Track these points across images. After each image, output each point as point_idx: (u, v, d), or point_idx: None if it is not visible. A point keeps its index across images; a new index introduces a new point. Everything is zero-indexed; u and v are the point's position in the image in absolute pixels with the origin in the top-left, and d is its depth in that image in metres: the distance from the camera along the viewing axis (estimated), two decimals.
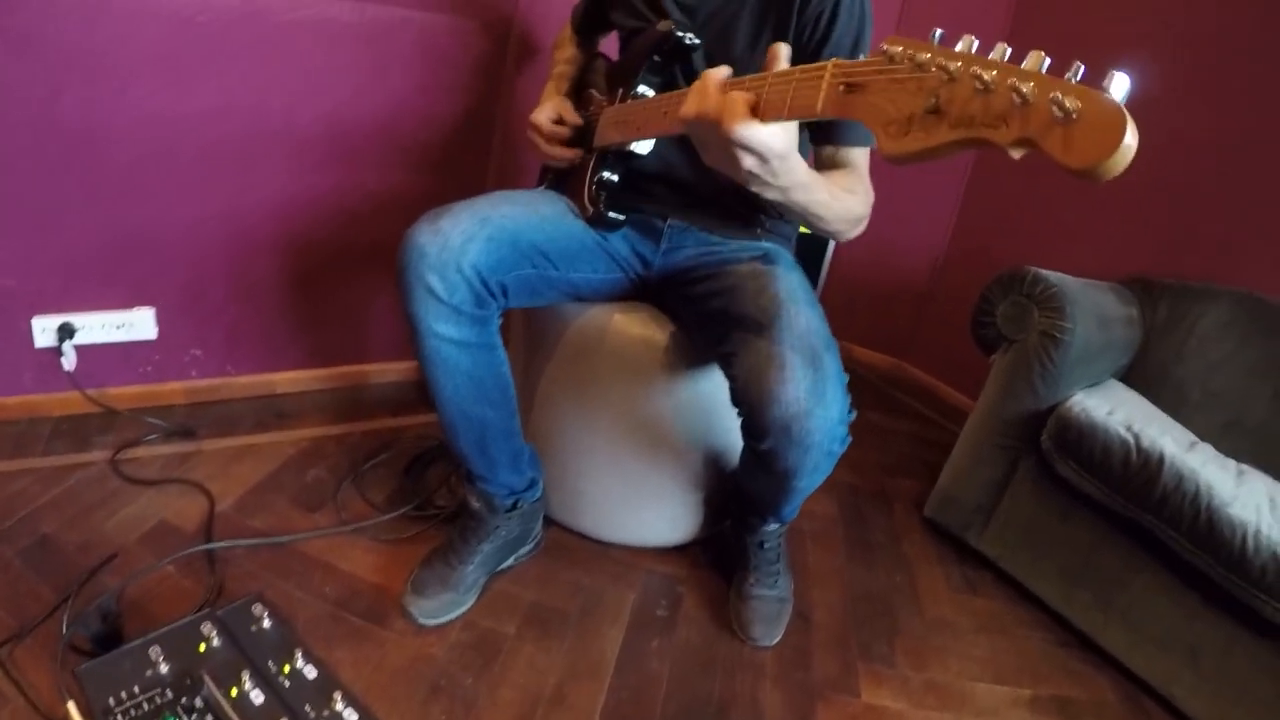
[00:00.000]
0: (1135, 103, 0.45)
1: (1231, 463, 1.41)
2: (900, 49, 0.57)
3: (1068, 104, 0.45)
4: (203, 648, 0.92)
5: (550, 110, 1.23)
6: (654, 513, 1.33)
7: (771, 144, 0.73)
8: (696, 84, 0.77)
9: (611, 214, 1.14)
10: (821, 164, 1.07)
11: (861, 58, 1.02)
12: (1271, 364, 1.54)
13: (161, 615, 1.00)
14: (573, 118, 1.22)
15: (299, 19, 1.35)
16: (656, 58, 1.11)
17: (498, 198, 1.09)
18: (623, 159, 1.15)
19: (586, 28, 1.36)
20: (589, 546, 1.34)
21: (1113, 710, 1.27)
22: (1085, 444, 1.34)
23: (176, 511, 1.22)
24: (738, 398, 0.97)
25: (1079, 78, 0.47)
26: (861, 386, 2.37)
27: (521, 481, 1.17)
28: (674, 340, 1.17)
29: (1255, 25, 1.67)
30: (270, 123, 1.39)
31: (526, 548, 1.25)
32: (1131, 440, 1.31)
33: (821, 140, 1.06)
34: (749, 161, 0.74)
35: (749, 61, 1.07)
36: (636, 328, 1.18)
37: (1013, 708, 1.23)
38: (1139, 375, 1.64)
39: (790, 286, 1.04)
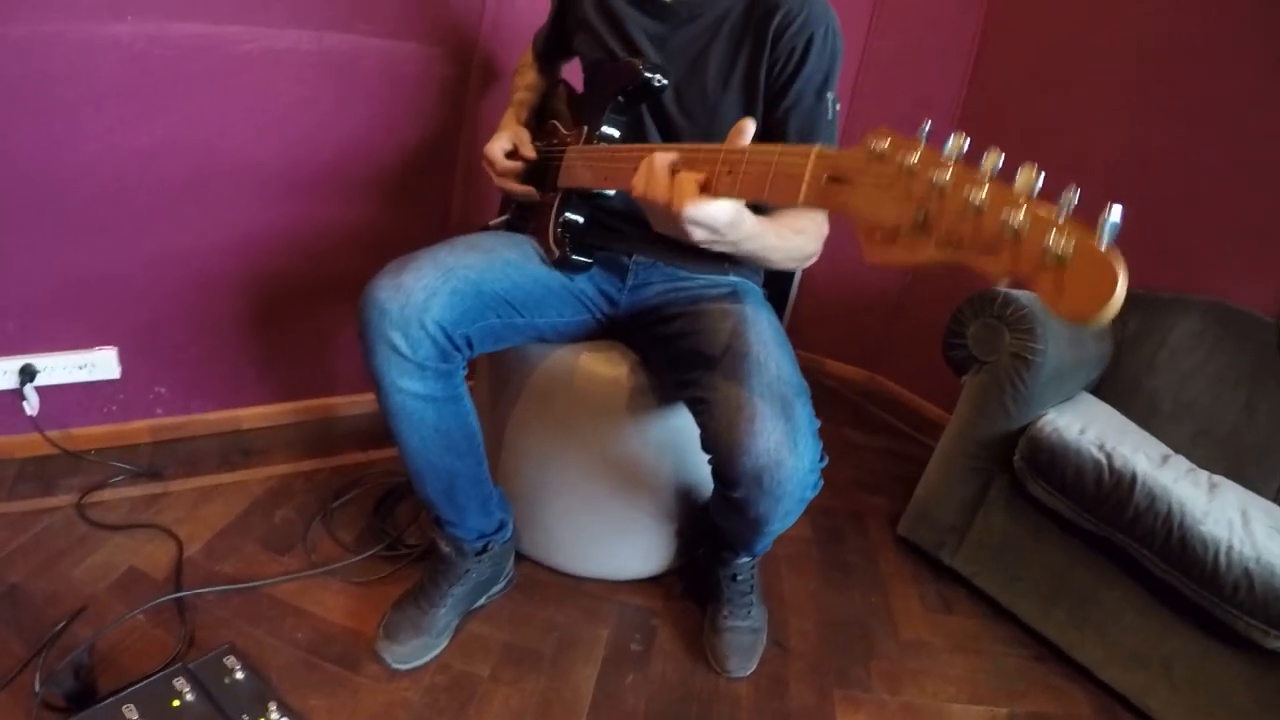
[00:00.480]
0: (1106, 114, 0.48)
1: (1204, 475, 1.47)
2: (887, 145, 0.58)
3: (1060, 249, 0.46)
4: (176, 703, 0.95)
5: (505, 141, 1.25)
6: (627, 547, 1.37)
7: (720, 217, 0.77)
8: (643, 165, 0.81)
9: (577, 257, 1.17)
10: None
11: (830, 95, 1.07)
12: (1242, 373, 1.60)
13: (134, 667, 1.04)
14: (527, 151, 1.24)
15: (257, 50, 1.37)
16: (621, 98, 1.13)
17: (460, 245, 1.11)
18: (588, 199, 1.18)
19: (548, 54, 1.39)
20: (561, 581, 1.38)
21: None
22: (1057, 465, 1.40)
23: (145, 557, 1.25)
24: (708, 445, 1.01)
25: (1074, 203, 0.47)
26: (835, 401, 2.43)
27: (491, 524, 1.20)
28: (642, 378, 1.21)
29: (1223, 38, 1.73)
30: (230, 156, 1.42)
31: (498, 586, 1.29)
32: (1104, 460, 1.37)
33: None
34: (699, 234, 0.79)
35: (720, 98, 1.10)
36: (604, 368, 1.21)
37: None
38: (1111, 387, 1.70)
39: (759, 329, 1.08)
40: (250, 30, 1.36)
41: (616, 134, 1.16)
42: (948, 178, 0.52)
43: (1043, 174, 0.49)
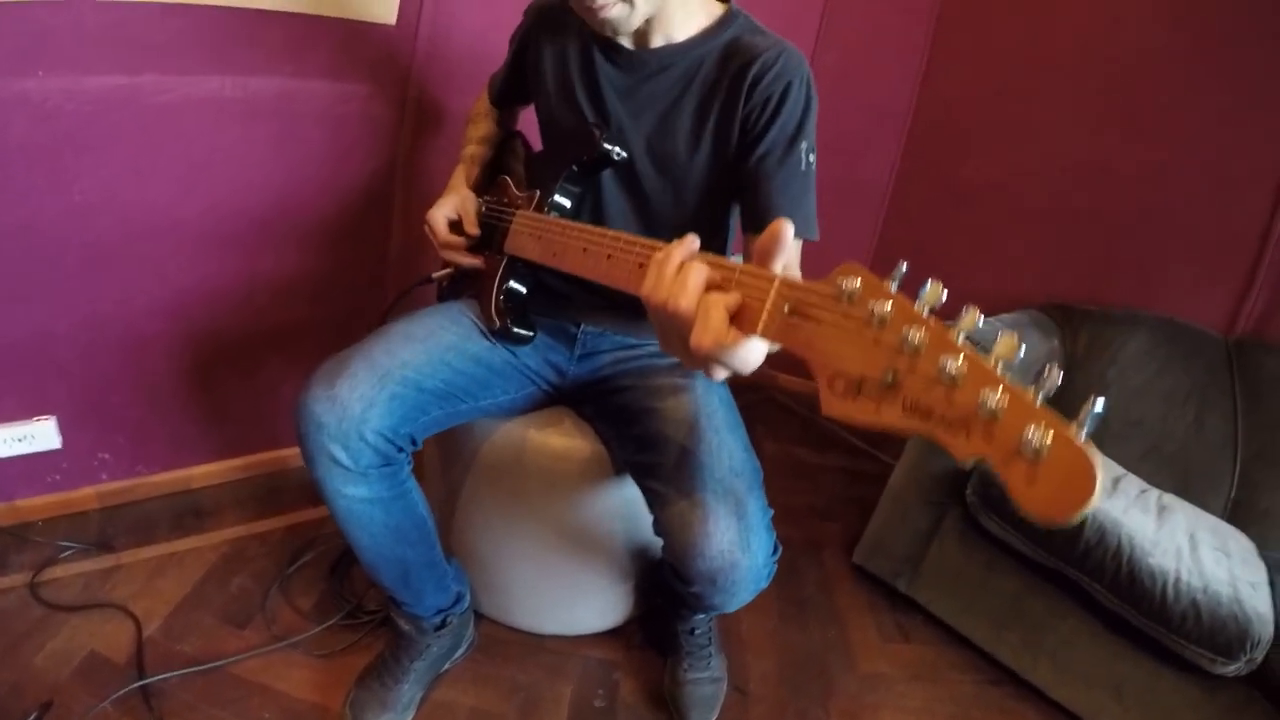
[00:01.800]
0: (1058, 128, 0.54)
1: (1154, 496, 1.64)
2: (858, 286, 0.57)
3: (1037, 440, 0.46)
4: None
5: (450, 209, 1.30)
6: (585, 604, 1.51)
7: (752, 361, 0.70)
8: (668, 268, 0.73)
9: (518, 330, 1.24)
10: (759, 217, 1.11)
11: (803, 145, 1.11)
12: (1191, 390, 1.76)
13: None
14: (470, 225, 1.29)
15: (176, 100, 1.42)
16: (576, 167, 1.18)
17: (395, 337, 1.17)
18: (534, 268, 1.22)
19: (505, 101, 1.43)
20: (522, 640, 1.51)
21: None
22: (1008, 500, 1.54)
23: (105, 640, 1.36)
24: (661, 535, 1.11)
25: (1055, 382, 0.48)
26: (787, 419, 2.52)
27: (448, 599, 1.32)
28: (593, 447, 1.32)
29: (1176, 55, 1.86)
30: (157, 212, 1.48)
31: (460, 651, 1.42)
32: None
33: (754, 229, 1.11)
34: (720, 373, 0.72)
35: (693, 152, 1.14)
36: (554, 439, 1.32)
37: None
38: (1061, 407, 1.85)
39: (712, 410, 1.17)
40: (169, 79, 1.40)
41: (568, 204, 1.21)
42: (922, 337, 0.52)
43: (1023, 345, 0.51)
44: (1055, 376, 0.48)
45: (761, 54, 1.09)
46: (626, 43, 1.15)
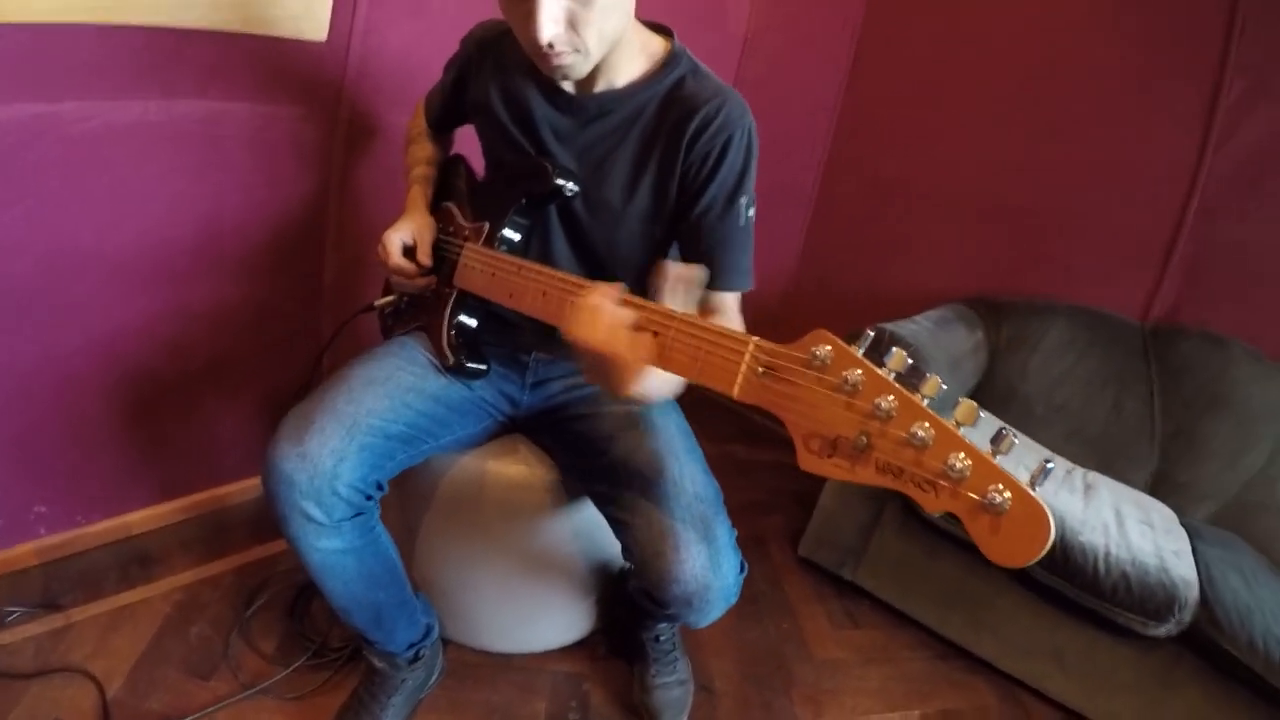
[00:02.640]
0: (977, 127, 0.66)
1: (1080, 475, 1.83)
2: (830, 354, 0.66)
3: (1000, 497, 0.56)
4: None
5: (407, 233, 1.32)
6: (549, 621, 1.61)
7: (667, 390, 0.94)
8: (593, 313, 0.89)
9: (472, 365, 1.30)
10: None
11: (743, 200, 1.19)
12: (1110, 376, 1.96)
13: None
14: (424, 256, 1.32)
15: (98, 127, 1.40)
16: (525, 200, 1.22)
17: (356, 383, 1.21)
18: (484, 300, 1.26)
19: (444, 125, 1.48)
20: (491, 661, 1.60)
21: (994, 711, 1.72)
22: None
23: (69, 707, 1.37)
24: (632, 563, 1.19)
25: (1012, 444, 0.59)
26: (722, 417, 2.62)
27: (418, 633, 1.39)
28: (550, 474, 1.41)
29: (1090, 56, 2.05)
30: (81, 248, 1.46)
31: (432, 679, 1.50)
32: None
33: (693, 257, 1.19)
34: (639, 395, 0.91)
35: (628, 202, 1.21)
36: (512, 469, 1.41)
37: None
38: (986, 394, 2.04)
39: (669, 438, 1.26)
40: (89, 105, 1.38)
41: (517, 237, 1.27)
42: (894, 405, 0.62)
43: (982, 413, 0.61)
44: (1010, 440, 0.59)
45: (702, 106, 1.13)
46: (568, 86, 1.19)
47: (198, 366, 1.71)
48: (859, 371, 0.65)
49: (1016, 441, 0.59)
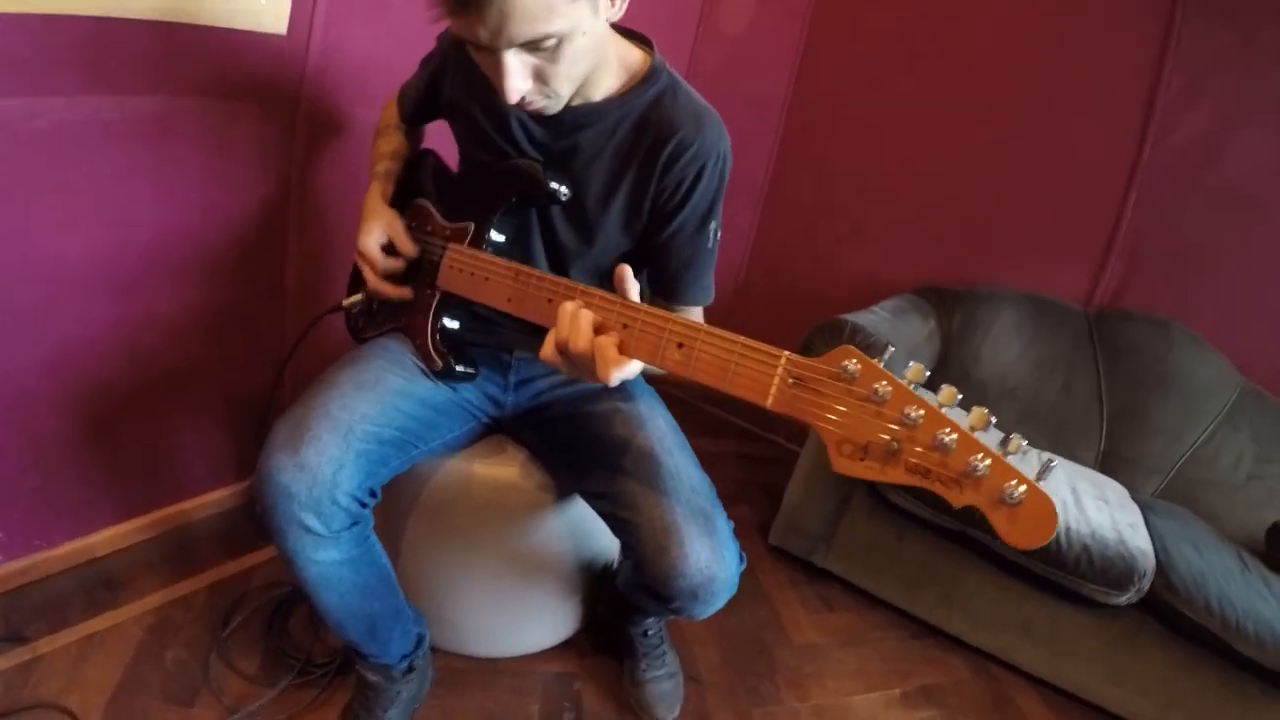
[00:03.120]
0: (925, 119, 0.68)
1: (1034, 456, 1.90)
2: (858, 369, 0.73)
3: (1015, 493, 0.64)
4: None
5: (380, 233, 1.28)
6: (536, 623, 1.60)
7: (633, 373, 0.96)
8: (567, 318, 0.96)
9: (461, 368, 1.28)
10: (667, 286, 1.25)
11: (713, 224, 1.23)
12: (1059, 359, 2.04)
13: None
14: (406, 246, 1.27)
15: (48, 126, 1.31)
16: (515, 199, 1.19)
17: (347, 387, 1.17)
18: (467, 301, 1.23)
19: (418, 120, 1.44)
20: (480, 667, 1.58)
21: (969, 685, 1.78)
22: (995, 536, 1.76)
23: None
24: (635, 559, 1.19)
25: (1022, 446, 0.68)
26: (683, 412, 2.68)
27: (410, 643, 1.36)
28: (537, 475, 1.40)
29: (1030, 55, 2.15)
30: (32, 256, 1.37)
31: (424, 689, 1.48)
32: None
33: (663, 295, 1.25)
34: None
35: (601, 215, 1.21)
36: (499, 471, 1.38)
37: (889, 708, 1.68)
38: (942, 380, 2.08)
39: (660, 433, 1.26)
40: (38, 103, 1.29)
41: (503, 239, 1.24)
42: (920, 414, 0.69)
43: (993, 419, 0.70)
44: (1019, 442, 0.68)
45: (679, 130, 1.13)
46: None
47: (157, 376, 1.63)
48: (886, 384, 0.71)
49: (1024, 444, 0.68)
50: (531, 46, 0.95)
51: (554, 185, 1.17)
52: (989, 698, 1.77)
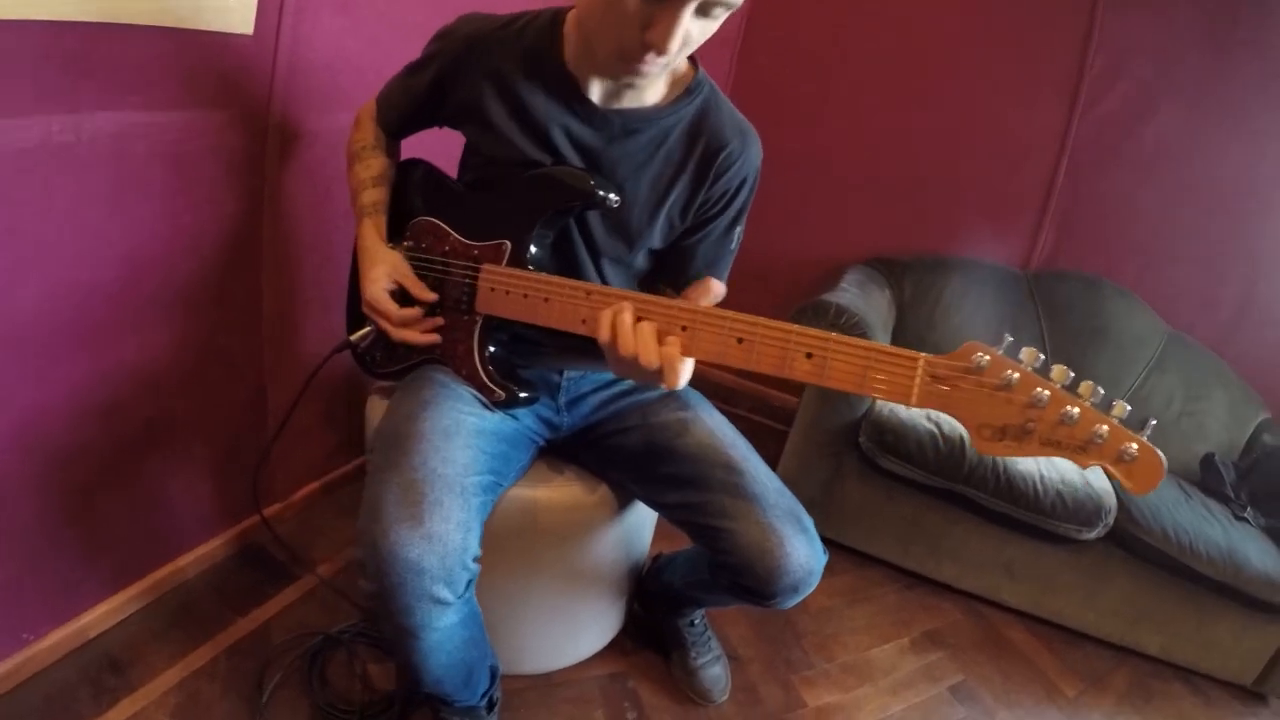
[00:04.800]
0: (867, 99, 0.72)
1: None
2: (988, 361, 0.80)
3: (1131, 450, 0.75)
4: None
5: (386, 280, 1.19)
6: (588, 631, 1.57)
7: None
8: (623, 328, 0.97)
9: (524, 394, 1.21)
10: (683, 283, 1.25)
11: (740, 228, 1.25)
12: (1004, 319, 2.19)
13: None
14: (422, 292, 1.19)
15: None
16: (555, 210, 1.12)
17: (434, 437, 1.06)
18: (508, 323, 1.17)
19: (406, 130, 1.32)
20: (534, 684, 1.52)
21: (965, 624, 1.92)
22: (900, 442, 1.84)
23: None
24: (735, 567, 1.16)
25: (1125, 410, 0.77)
26: None
27: (489, 678, 1.28)
28: (597, 492, 1.35)
29: (964, 37, 2.27)
30: None
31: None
32: (935, 429, 1.84)
33: (677, 290, 1.24)
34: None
35: (645, 225, 1.17)
36: (562, 494, 1.32)
37: (903, 656, 1.79)
38: (901, 345, 2.22)
39: (729, 436, 1.25)
40: None
41: (542, 252, 1.17)
42: (1048, 395, 0.77)
43: (1099, 389, 0.79)
44: (1123, 405, 0.77)
45: (728, 143, 1.15)
46: (594, 96, 1.11)
47: (133, 431, 1.42)
48: (1014, 372, 0.79)
49: (1128, 406, 0.77)
50: (705, 9, 0.93)
51: (602, 193, 1.11)
52: (983, 634, 1.91)
